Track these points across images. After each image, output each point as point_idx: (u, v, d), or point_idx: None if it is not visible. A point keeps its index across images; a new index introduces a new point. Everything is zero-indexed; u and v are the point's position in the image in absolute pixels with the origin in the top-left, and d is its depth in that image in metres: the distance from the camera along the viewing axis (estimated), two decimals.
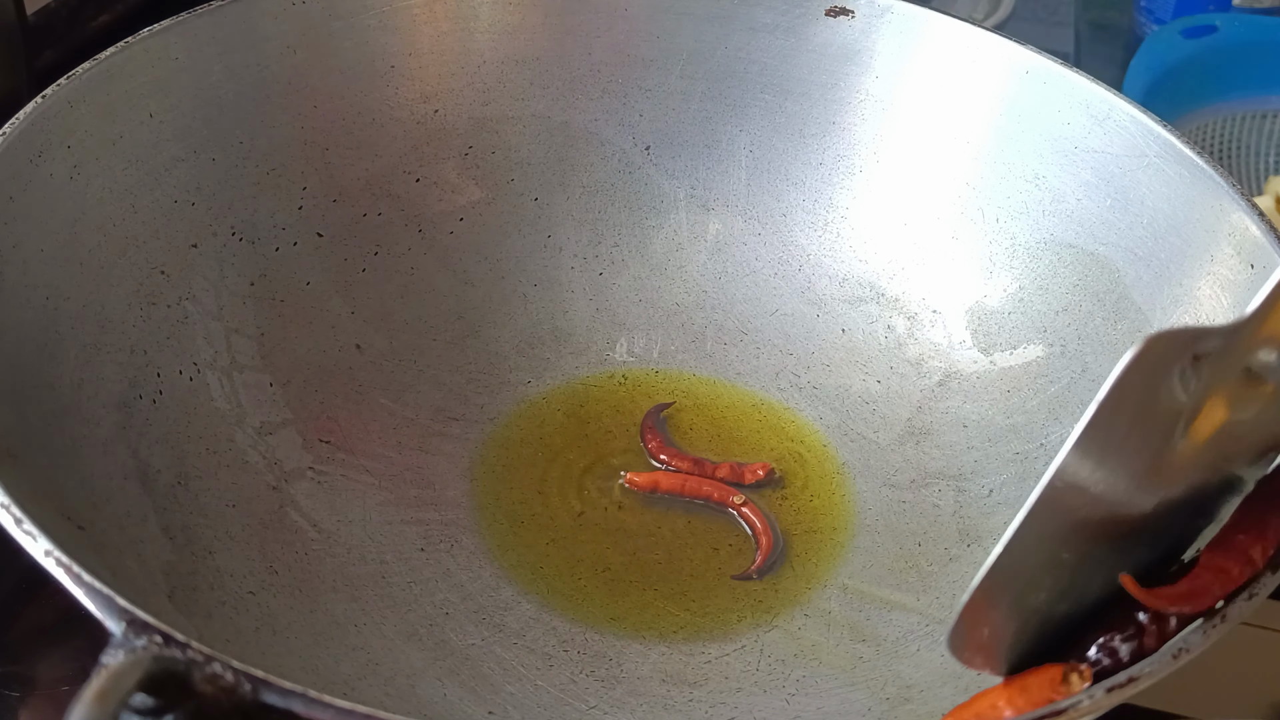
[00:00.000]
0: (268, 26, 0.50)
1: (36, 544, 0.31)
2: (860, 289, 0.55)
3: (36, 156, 0.42)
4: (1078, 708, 0.30)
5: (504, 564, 0.46)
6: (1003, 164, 0.53)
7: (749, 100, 0.56)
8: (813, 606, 0.46)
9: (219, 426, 0.45)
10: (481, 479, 0.49)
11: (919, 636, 0.44)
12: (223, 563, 0.41)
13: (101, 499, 0.39)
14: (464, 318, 0.54)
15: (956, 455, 0.50)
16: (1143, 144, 0.49)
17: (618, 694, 0.42)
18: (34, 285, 0.41)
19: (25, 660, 0.46)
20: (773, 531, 0.47)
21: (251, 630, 0.40)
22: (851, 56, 0.55)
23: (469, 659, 0.43)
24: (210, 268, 0.48)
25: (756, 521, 0.48)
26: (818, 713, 0.42)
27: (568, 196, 0.56)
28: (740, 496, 0.48)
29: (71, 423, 0.40)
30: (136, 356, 0.44)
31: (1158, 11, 0.79)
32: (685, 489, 0.49)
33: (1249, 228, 0.45)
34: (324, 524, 0.45)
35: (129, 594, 0.30)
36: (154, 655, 0.28)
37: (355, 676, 0.40)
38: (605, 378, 0.54)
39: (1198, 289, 0.46)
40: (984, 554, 0.46)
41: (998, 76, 0.53)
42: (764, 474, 0.50)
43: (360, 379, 0.51)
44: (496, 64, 0.55)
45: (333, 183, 0.52)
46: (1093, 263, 0.50)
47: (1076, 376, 0.49)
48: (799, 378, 0.54)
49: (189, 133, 0.48)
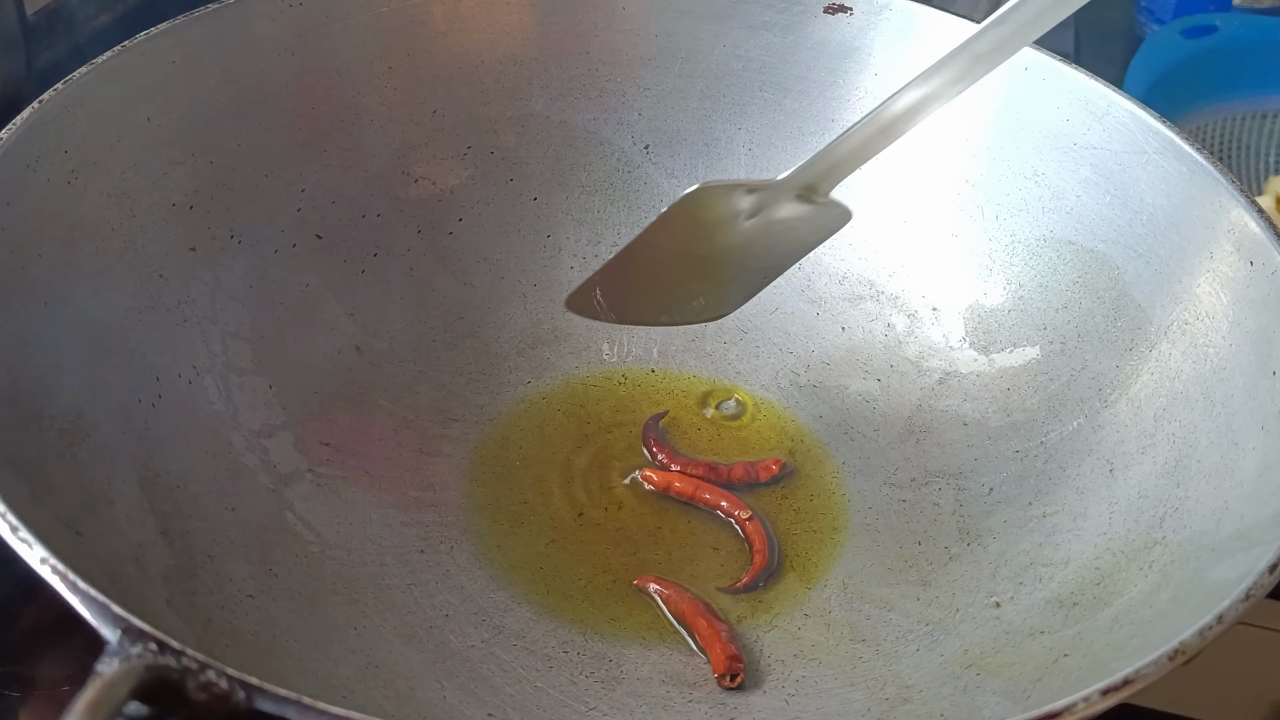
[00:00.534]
0: (264, 29, 0.50)
1: (32, 551, 0.31)
2: (860, 287, 0.55)
3: (34, 162, 0.42)
4: (1073, 710, 0.30)
5: (504, 565, 0.46)
6: (1002, 161, 0.53)
7: (747, 98, 0.56)
8: (812, 606, 0.46)
9: (218, 430, 0.45)
10: (481, 480, 0.49)
11: (918, 637, 0.44)
12: (222, 566, 0.41)
13: (100, 504, 0.39)
14: (463, 318, 0.54)
15: (956, 453, 0.50)
16: (1142, 140, 0.49)
17: (618, 695, 0.43)
18: (32, 290, 0.41)
19: (26, 661, 0.46)
20: (769, 550, 0.47)
21: (251, 634, 0.40)
22: (850, 54, 0.55)
23: (468, 661, 0.43)
24: (209, 271, 0.48)
25: (755, 539, 0.47)
26: (817, 713, 0.42)
27: (567, 196, 0.56)
28: (747, 512, 0.48)
29: (70, 428, 0.40)
30: (135, 360, 0.44)
31: (1158, 11, 0.79)
32: (697, 496, 0.49)
33: (1248, 224, 0.45)
34: (323, 526, 0.45)
35: (126, 600, 0.30)
36: (148, 664, 0.28)
37: (354, 679, 0.40)
38: (605, 378, 0.54)
39: (1197, 285, 0.46)
40: (984, 552, 0.47)
41: (997, 73, 0.52)
42: (778, 469, 0.50)
43: (359, 380, 0.51)
44: (494, 64, 0.55)
45: (331, 184, 0.52)
46: (1092, 260, 0.50)
47: (1076, 374, 0.49)
48: (799, 376, 0.54)
49: (186, 136, 0.48)
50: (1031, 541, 0.46)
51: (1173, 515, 0.42)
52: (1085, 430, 0.48)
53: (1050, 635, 0.41)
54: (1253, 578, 0.34)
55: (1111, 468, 0.46)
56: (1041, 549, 0.45)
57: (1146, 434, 0.45)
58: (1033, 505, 0.47)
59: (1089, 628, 0.40)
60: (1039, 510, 0.47)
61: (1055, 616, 0.42)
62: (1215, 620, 0.33)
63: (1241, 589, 0.34)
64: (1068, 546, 0.45)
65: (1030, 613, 0.42)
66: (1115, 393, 0.47)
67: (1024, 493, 0.48)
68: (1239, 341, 0.44)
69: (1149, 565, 0.41)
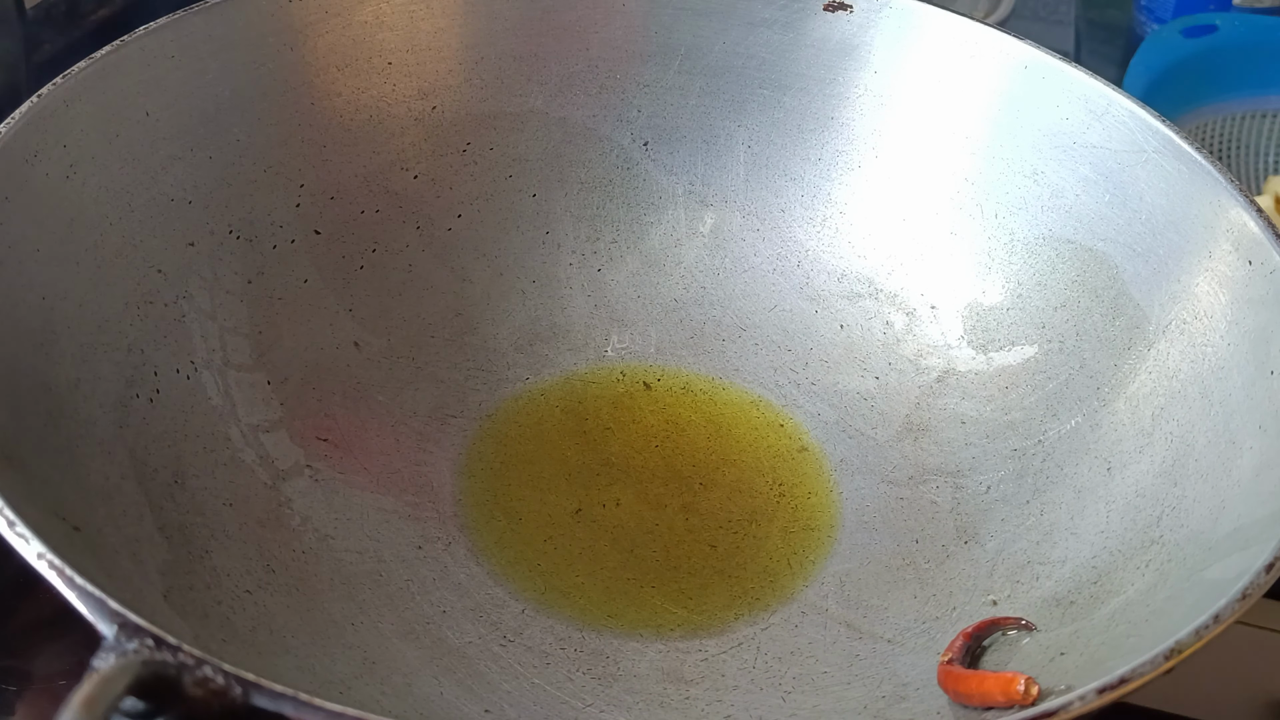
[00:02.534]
0: (264, 23, 0.50)
1: (29, 546, 0.31)
2: (858, 285, 0.55)
3: (32, 156, 0.42)
4: (1069, 708, 0.30)
5: (501, 562, 0.46)
6: (1001, 159, 0.53)
7: (747, 95, 0.56)
8: (810, 604, 0.46)
9: (216, 425, 0.45)
10: (479, 476, 0.49)
11: (915, 634, 0.44)
12: (219, 562, 0.41)
13: (98, 499, 0.39)
14: (462, 314, 0.54)
15: (954, 452, 0.50)
16: (1141, 139, 0.49)
17: (614, 692, 0.43)
18: (30, 285, 0.41)
19: (23, 655, 0.46)
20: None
21: (248, 629, 0.40)
22: (850, 51, 0.55)
23: (466, 657, 0.43)
24: (207, 266, 0.48)
25: None
26: (814, 710, 0.42)
27: (566, 193, 0.56)
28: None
29: (68, 423, 0.40)
30: (133, 355, 0.44)
31: (1158, 11, 0.79)
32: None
33: (1247, 224, 0.45)
34: (321, 522, 0.45)
35: (123, 595, 0.30)
36: (145, 659, 0.28)
37: (351, 675, 0.40)
38: (603, 374, 0.54)
39: (1195, 285, 0.46)
40: (981, 551, 0.47)
41: (996, 71, 0.53)
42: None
43: (358, 376, 0.51)
44: (494, 60, 0.55)
45: (330, 180, 0.52)
46: (1091, 258, 0.50)
47: (1074, 373, 0.49)
48: (797, 374, 0.54)
49: (185, 131, 0.48)
50: (1029, 540, 0.46)
51: (1170, 514, 0.42)
52: (1083, 429, 0.48)
53: (1047, 634, 0.41)
54: (1249, 577, 0.34)
55: (1109, 466, 0.46)
56: (1039, 547, 0.45)
57: (1144, 433, 0.45)
58: (1030, 504, 0.47)
59: (1085, 626, 0.40)
60: (1036, 509, 0.47)
61: (1052, 615, 0.42)
62: (1212, 619, 0.33)
63: (1238, 588, 0.34)
64: (1065, 545, 0.45)
65: (1027, 611, 0.42)
66: (1113, 391, 0.47)
67: (1021, 491, 0.48)
68: (1237, 341, 0.44)
69: (1146, 564, 0.41)
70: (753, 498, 0.49)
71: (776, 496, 0.50)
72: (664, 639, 0.45)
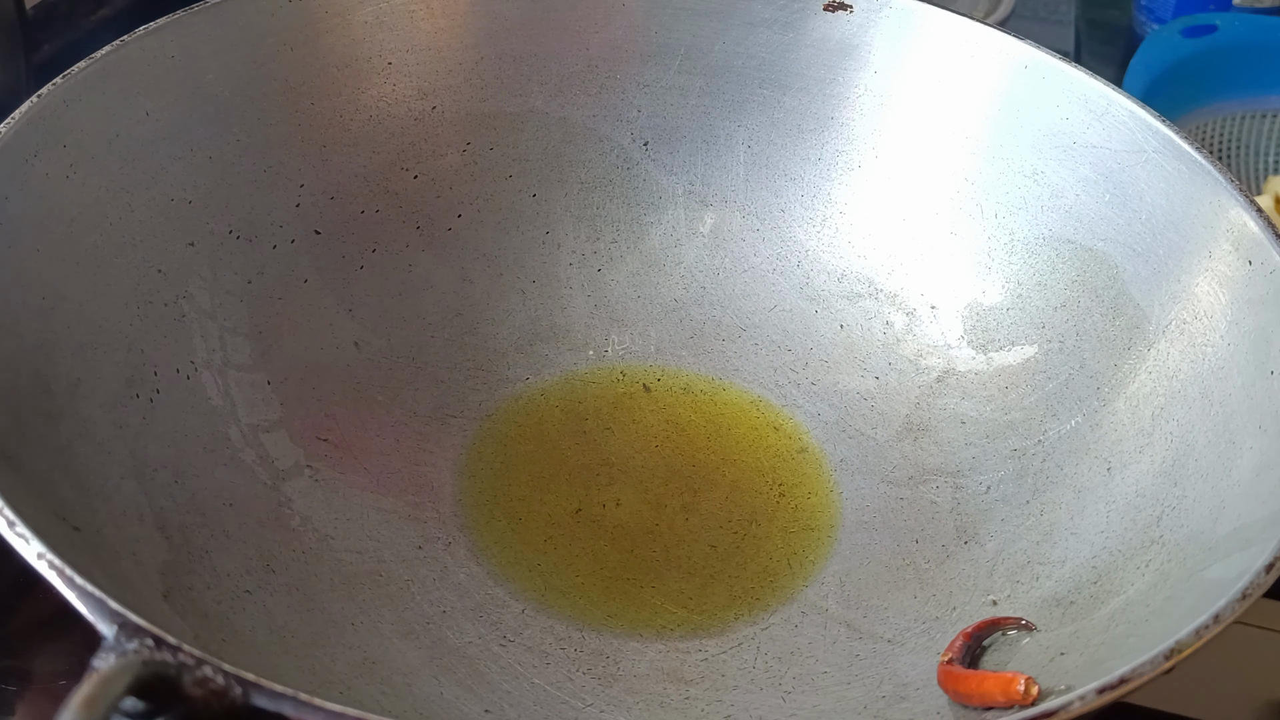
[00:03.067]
0: (263, 23, 0.50)
1: (29, 546, 0.31)
2: (858, 285, 0.55)
3: (32, 155, 0.42)
4: (1069, 708, 0.30)
5: (501, 562, 0.46)
6: (1001, 159, 0.53)
7: (747, 95, 0.56)
8: (810, 604, 0.46)
9: (216, 425, 0.45)
10: (479, 476, 0.49)
11: (915, 634, 0.44)
12: (219, 562, 0.41)
13: (98, 499, 0.39)
14: (462, 314, 0.54)
15: (954, 452, 0.50)
16: (1141, 139, 0.49)
17: (614, 692, 0.43)
18: (30, 284, 0.41)
19: (23, 655, 0.46)
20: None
21: (248, 629, 0.40)
22: (850, 51, 0.55)
23: (466, 657, 0.43)
24: (207, 266, 0.48)
25: None
26: (814, 710, 0.42)
27: (565, 193, 0.56)
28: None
29: (68, 422, 0.40)
30: (133, 355, 0.44)
31: (1158, 11, 0.79)
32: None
33: (1247, 224, 0.45)
34: (321, 522, 0.45)
35: (123, 595, 0.30)
36: (145, 659, 0.28)
37: (352, 675, 0.40)
38: (603, 374, 0.54)
39: (1195, 285, 0.46)
40: (981, 551, 0.47)
41: (996, 71, 0.53)
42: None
43: (358, 377, 0.51)
44: (494, 60, 0.55)
45: (330, 180, 0.52)
46: (1091, 258, 0.50)
47: (1074, 373, 0.49)
48: (797, 374, 0.54)
49: (185, 131, 0.48)
50: (1029, 540, 0.46)
51: (1170, 514, 0.42)
52: (1083, 429, 0.48)
53: (1047, 634, 0.41)
54: (1249, 577, 0.34)
55: (1109, 466, 0.46)
56: (1039, 547, 0.45)
57: (1144, 433, 0.45)
58: (1030, 504, 0.47)
59: (1085, 626, 0.40)
60: (1036, 509, 0.47)
61: (1052, 615, 0.42)
62: (1212, 619, 0.33)
63: (1238, 588, 0.34)
64: (1065, 545, 0.45)
65: (1027, 611, 0.42)
66: (1113, 391, 0.47)
67: (1021, 491, 0.48)
68: (1237, 341, 0.44)
69: (1146, 564, 0.41)
70: (753, 498, 0.49)
71: (776, 497, 0.50)
72: (664, 639, 0.45)
